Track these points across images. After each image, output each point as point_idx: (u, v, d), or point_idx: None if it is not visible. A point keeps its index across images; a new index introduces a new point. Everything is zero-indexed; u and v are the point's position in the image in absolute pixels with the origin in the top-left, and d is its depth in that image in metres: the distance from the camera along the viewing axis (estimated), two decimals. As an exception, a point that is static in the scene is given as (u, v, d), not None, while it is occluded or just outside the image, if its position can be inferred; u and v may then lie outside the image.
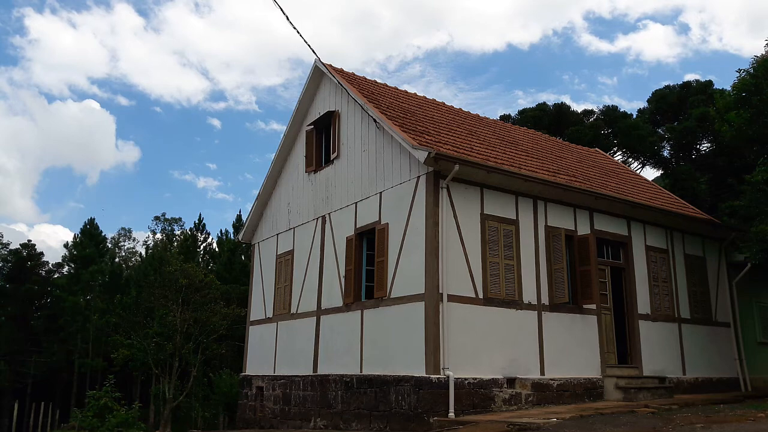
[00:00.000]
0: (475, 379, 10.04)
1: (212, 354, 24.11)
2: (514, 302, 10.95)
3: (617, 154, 29.95)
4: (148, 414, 29.74)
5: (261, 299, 15.67)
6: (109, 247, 49.96)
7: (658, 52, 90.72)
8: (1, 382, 36.96)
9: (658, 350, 12.98)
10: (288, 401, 13.41)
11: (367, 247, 12.24)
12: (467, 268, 10.50)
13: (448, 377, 9.61)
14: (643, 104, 35.07)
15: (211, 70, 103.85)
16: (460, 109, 16.31)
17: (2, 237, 50.23)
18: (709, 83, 28.81)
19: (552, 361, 11.10)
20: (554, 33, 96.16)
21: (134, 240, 56.76)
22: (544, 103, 33.35)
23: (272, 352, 14.61)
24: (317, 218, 13.83)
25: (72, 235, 69.48)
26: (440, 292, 10.00)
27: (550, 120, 30.72)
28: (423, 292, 10.13)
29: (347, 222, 12.64)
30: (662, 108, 29.96)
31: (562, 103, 33.40)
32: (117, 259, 50.83)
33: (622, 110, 31.99)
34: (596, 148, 21.14)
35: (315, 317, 13.22)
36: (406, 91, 15.42)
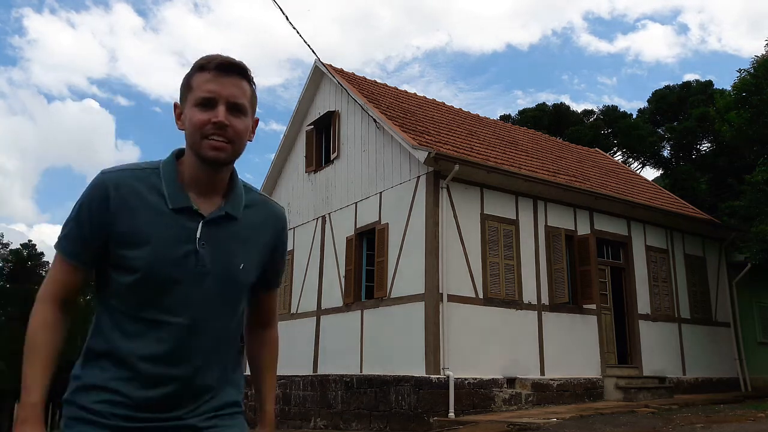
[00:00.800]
0: (475, 379, 10.04)
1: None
2: (514, 302, 10.94)
3: (617, 154, 29.92)
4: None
5: (261, 299, 15.64)
6: (109, 247, 49.92)
7: (658, 52, 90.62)
8: (1, 383, 36.93)
9: (658, 350, 12.98)
10: (288, 401, 13.41)
11: (367, 247, 12.24)
12: (467, 268, 10.50)
13: (448, 377, 9.61)
14: (643, 104, 35.09)
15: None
16: (460, 109, 16.32)
17: (2, 237, 50.40)
18: (709, 83, 28.79)
19: (552, 361, 11.10)
20: (553, 33, 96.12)
21: (134, 240, 56.71)
22: (544, 103, 33.37)
23: (272, 352, 14.58)
24: (317, 218, 13.83)
25: (72, 235, 69.37)
26: (440, 292, 10.00)
27: (549, 120, 30.70)
28: (423, 292, 10.13)
29: (347, 222, 12.64)
30: (662, 108, 29.93)
31: (561, 103, 33.44)
32: (117, 259, 50.78)
33: (622, 110, 32.01)
34: (596, 148, 21.13)
35: (315, 317, 13.22)
36: (406, 91, 15.42)
